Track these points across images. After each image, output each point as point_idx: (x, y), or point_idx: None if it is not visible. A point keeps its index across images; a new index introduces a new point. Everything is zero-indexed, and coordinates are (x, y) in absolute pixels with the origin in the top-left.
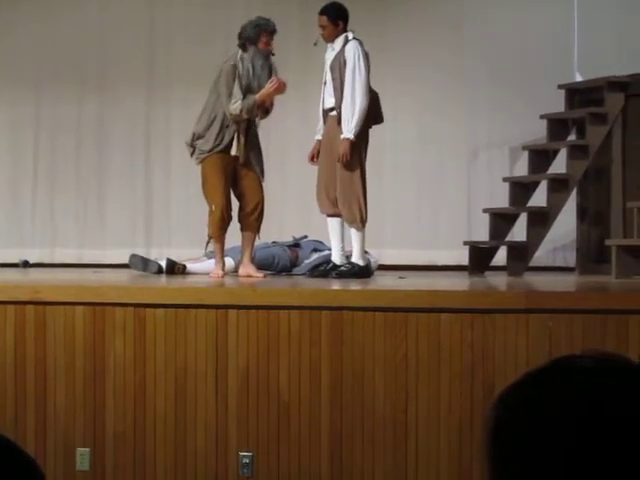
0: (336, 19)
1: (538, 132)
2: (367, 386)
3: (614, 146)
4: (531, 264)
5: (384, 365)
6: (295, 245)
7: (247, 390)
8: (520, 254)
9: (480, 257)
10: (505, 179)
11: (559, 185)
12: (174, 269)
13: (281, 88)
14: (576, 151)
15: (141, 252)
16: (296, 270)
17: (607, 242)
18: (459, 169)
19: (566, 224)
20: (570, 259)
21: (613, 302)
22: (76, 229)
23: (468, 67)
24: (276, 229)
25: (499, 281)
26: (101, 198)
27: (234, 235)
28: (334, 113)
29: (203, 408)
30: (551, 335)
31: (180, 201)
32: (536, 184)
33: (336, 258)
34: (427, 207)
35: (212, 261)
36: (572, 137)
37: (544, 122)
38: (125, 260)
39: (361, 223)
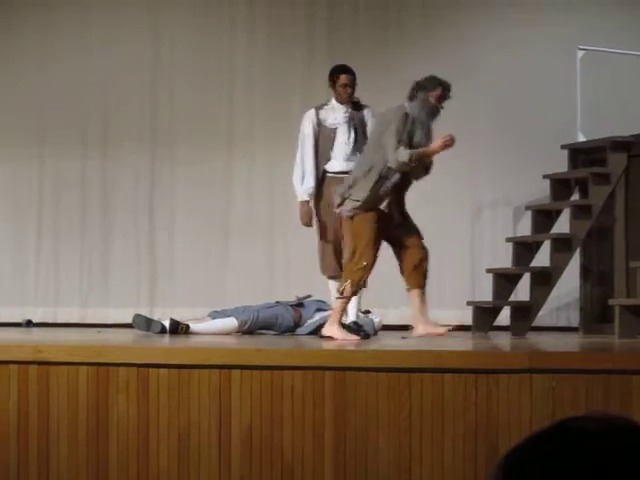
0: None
1: (541, 192)
2: (371, 447)
3: (617, 206)
4: (534, 324)
5: (388, 425)
6: (298, 305)
7: (250, 451)
8: (523, 314)
9: (483, 317)
10: (508, 239)
11: (562, 245)
12: (177, 329)
13: (451, 145)
14: (579, 211)
15: (145, 312)
16: (299, 330)
17: (610, 302)
18: (462, 228)
19: (569, 284)
20: (573, 319)
21: (617, 362)
22: (79, 288)
23: (472, 126)
24: (280, 288)
25: (502, 341)
26: (105, 256)
27: (236, 296)
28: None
29: (206, 469)
30: (554, 396)
31: (184, 261)
32: (539, 244)
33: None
34: (430, 266)
35: (216, 321)
36: (575, 197)
37: (547, 182)
38: (128, 320)
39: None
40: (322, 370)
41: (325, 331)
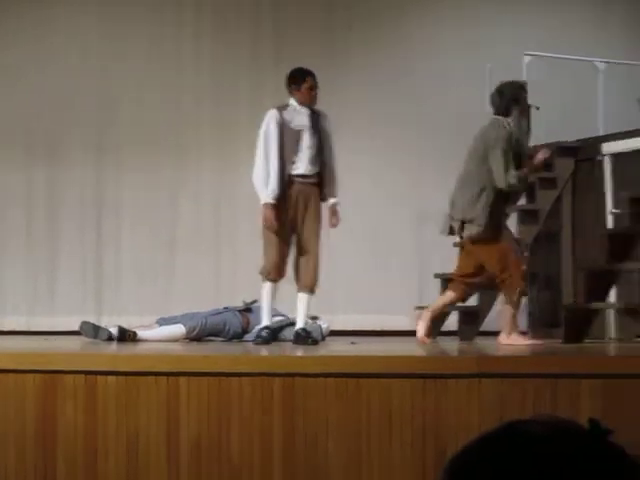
0: None
1: None
2: (320, 452)
3: (564, 210)
4: (482, 328)
5: (336, 431)
6: (246, 310)
7: (199, 458)
8: (471, 319)
9: (432, 322)
10: (456, 244)
11: None
12: (125, 336)
13: (548, 159)
14: (526, 216)
15: (92, 319)
16: (247, 336)
17: (558, 306)
18: (410, 233)
19: None
20: (521, 323)
21: (564, 366)
22: (27, 296)
23: (420, 131)
24: (227, 295)
25: (451, 346)
26: (52, 264)
27: (183, 304)
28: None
29: (155, 476)
30: (503, 400)
31: (131, 268)
32: None
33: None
34: (378, 272)
35: (164, 328)
36: (522, 202)
37: None
38: (76, 327)
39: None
40: (270, 376)
41: (504, 341)
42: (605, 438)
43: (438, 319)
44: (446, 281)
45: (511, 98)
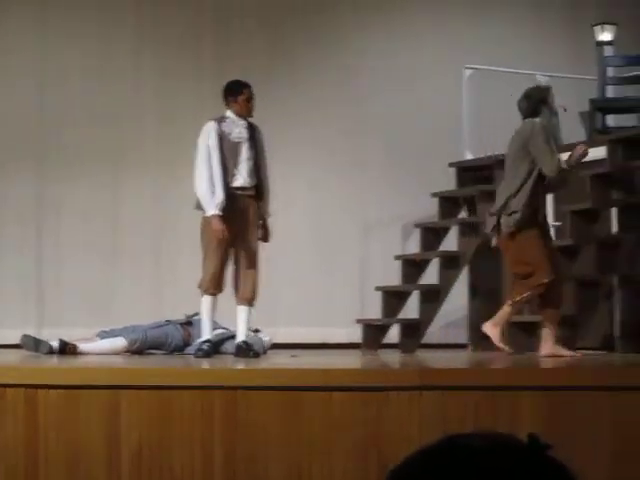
0: None
1: (431, 209)
2: (260, 466)
3: None
4: (424, 341)
5: (277, 444)
6: (187, 323)
7: (139, 471)
8: (412, 331)
9: (373, 334)
10: (397, 257)
11: (450, 262)
12: (66, 349)
13: (586, 154)
14: (467, 228)
15: (32, 332)
16: (188, 349)
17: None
18: (352, 246)
19: (458, 301)
20: (462, 336)
21: (505, 379)
22: None
23: (362, 145)
24: (168, 307)
25: (392, 358)
26: None
27: (124, 316)
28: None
29: None
30: (444, 412)
31: (71, 281)
32: (428, 261)
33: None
34: (320, 285)
35: (105, 341)
36: (463, 215)
37: (436, 200)
38: (16, 340)
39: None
40: (211, 389)
41: (546, 352)
42: (544, 452)
43: (379, 331)
44: (388, 294)
45: (539, 99)
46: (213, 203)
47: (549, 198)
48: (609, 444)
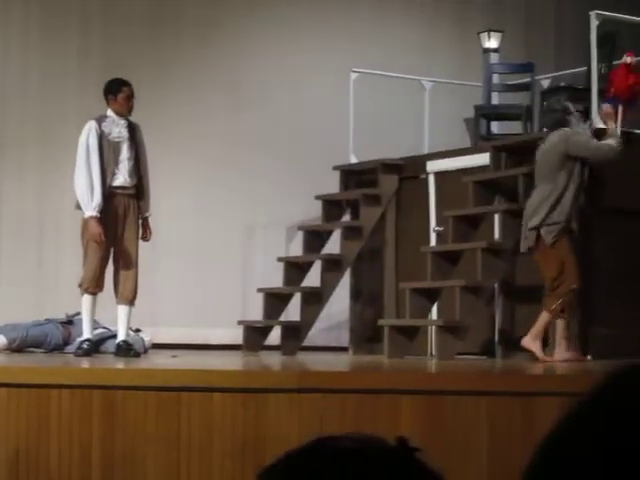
0: None
1: (315, 212)
2: (138, 466)
3: (388, 227)
4: (305, 343)
5: (156, 444)
6: (68, 322)
7: (17, 472)
8: (294, 333)
9: (254, 336)
10: (280, 259)
11: (333, 265)
12: None
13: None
14: (350, 232)
15: None
16: (68, 348)
17: (380, 322)
18: (234, 247)
19: (340, 304)
20: (344, 339)
21: (385, 382)
22: None
23: (247, 145)
24: (50, 305)
25: (273, 360)
26: None
27: (4, 313)
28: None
29: None
30: (323, 414)
31: None
32: (310, 264)
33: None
34: (202, 285)
35: None
36: (347, 218)
37: (320, 203)
38: None
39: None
40: (90, 389)
41: (560, 357)
42: (412, 456)
43: (261, 333)
44: (269, 296)
45: (562, 110)
46: (91, 205)
47: (432, 203)
48: (486, 446)
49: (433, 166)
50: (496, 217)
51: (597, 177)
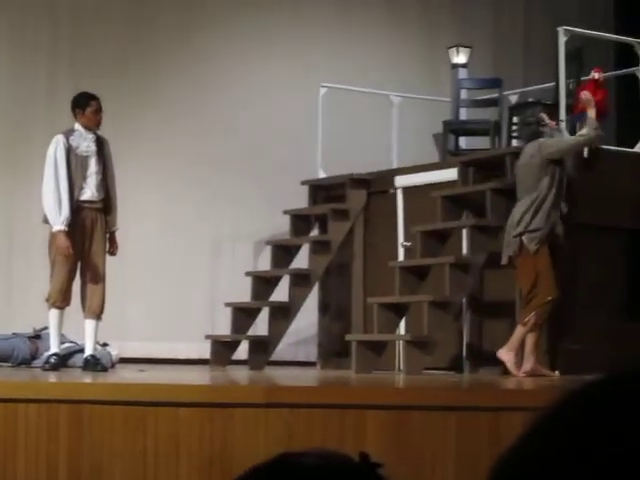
0: None
1: (284, 227)
2: None
3: (356, 242)
4: (273, 358)
5: (123, 459)
6: (35, 337)
7: None
8: (261, 348)
9: (222, 351)
10: (248, 273)
11: (301, 280)
12: None
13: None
14: (318, 246)
15: None
16: (36, 362)
17: (347, 337)
18: (203, 261)
19: (308, 318)
20: (312, 353)
21: (352, 397)
22: None
23: (216, 160)
24: (18, 319)
25: (240, 375)
26: None
27: None
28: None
29: None
30: (290, 430)
31: None
32: (278, 278)
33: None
34: (170, 299)
35: None
36: (315, 233)
37: (288, 217)
38: None
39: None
40: (57, 403)
41: (526, 369)
42: (374, 472)
43: (228, 348)
44: (237, 310)
45: (536, 122)
46: (59, 219)
47: (400, 217)
48: (453, 461)
49: (401, 181)
50: (464, 232)
51: (567, 193)
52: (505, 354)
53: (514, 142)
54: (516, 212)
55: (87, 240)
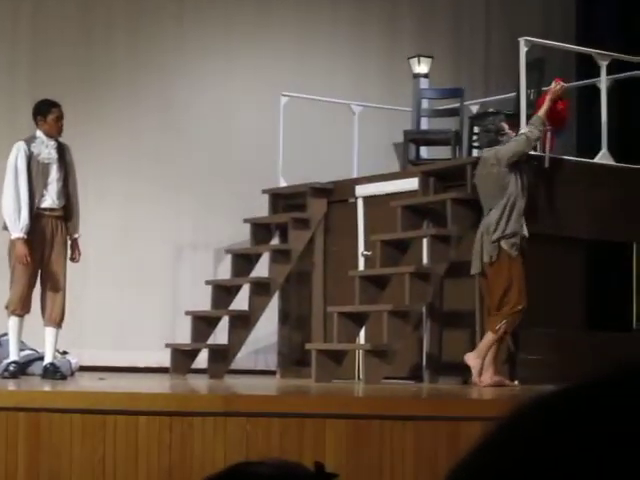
0: None
1: (244, 235)
2: None
3: (316, 251)
4: (233, 367)
5: (82, 467)
6: None
7: None
8: (221, 357)
9: (182, 359)
10: (208, 282)
11: (261, 289)
12: None
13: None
14: (278, 255)
15: None
16: None
17: (307, 346)
18: (163, 270)
19: (268, 327)
20: (272, 362)
21: (311, 406)
22: None
23: (176, 167)
24: None
25: (199, 384)
26: None
27: None
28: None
29: None
30: (249, 438)
31: None
32: (239, 287)
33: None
34: (130, 307)
35: None
36: (275, 241)
37: (248, 226)
38: None
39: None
40: (16, 411)
41: (487, 381)
42: None
43: (188, 356)
44: (197, 319)
45: (496, 131)
46: (18, 226)
47: (361, 227)
48: (412, 470)
49: (362, 190)
50: (424, 242)
51: (527, 203)
52: (472, 359)
53: (475, 152)
54: (491, 220)
55: (47, 248)
